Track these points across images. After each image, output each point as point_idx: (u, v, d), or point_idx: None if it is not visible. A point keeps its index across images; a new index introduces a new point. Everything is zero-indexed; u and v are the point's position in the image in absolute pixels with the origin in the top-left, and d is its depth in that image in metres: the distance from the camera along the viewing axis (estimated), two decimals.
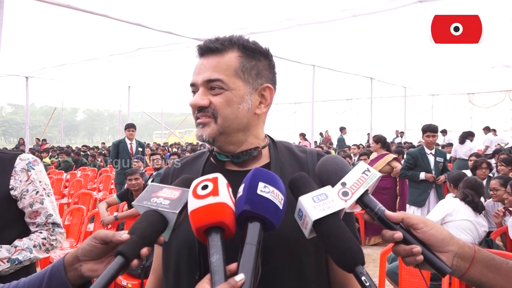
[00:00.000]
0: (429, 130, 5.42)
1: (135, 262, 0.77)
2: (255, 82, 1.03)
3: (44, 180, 1.79)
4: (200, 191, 0.81)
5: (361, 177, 0.86)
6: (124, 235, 0.79)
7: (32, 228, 1.73)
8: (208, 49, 1.01)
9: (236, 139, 1.03)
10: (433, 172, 5.42)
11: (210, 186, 0.81)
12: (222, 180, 0.83)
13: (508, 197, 3.93)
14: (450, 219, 3.78)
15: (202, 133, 1.00)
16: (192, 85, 1.03)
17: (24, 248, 1.64)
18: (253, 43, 1.05)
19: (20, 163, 1.72)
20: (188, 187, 0.87)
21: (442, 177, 5.44)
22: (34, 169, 1.75)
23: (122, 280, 3.55)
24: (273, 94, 1.08)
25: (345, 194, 0.84)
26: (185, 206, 0.84)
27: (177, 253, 1.01)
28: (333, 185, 0.86)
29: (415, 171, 5.45)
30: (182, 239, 0.98)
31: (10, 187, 1.67)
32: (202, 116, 1.00)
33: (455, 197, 4.04)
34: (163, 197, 0.85)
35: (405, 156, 5.69)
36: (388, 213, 0.82)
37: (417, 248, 0.78)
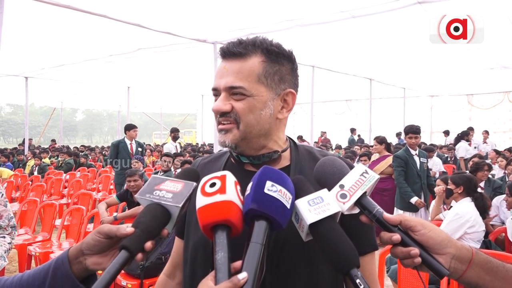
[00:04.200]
0: (411, 131, 5.35)
1: (139, 256, 0.78)
2: (278, 87, 1.01)
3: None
4: (208, 189, 0.81)
5: (359, 179, 0.85)
6: (128, 228, 0.79)
7: None
8: (231, 53, 0.99)
9: (258, 144, 1.03)
10: (420, 173, 5.39)
11: (218, 183, 0.81)
12: (230, 178, 0.83)
13: (507, 198, 3.94)
14: (472, 230, 3.48)
15: (224, 139, 1.00)
16: (214, 89, 1.02)
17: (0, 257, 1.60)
18: (276, 46, 1.02)
19: None
20: (191, 179, 0.88)
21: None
22: None
23: (122, 280, 3.54)
24: (295, 98, 1.07)
25: (343, 196, 0.84)
26: (188, 199, 0.84)
27: (194, 250, 1.02)
28: (331, 187, 0.86)
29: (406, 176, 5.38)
30: (199, 236, 0.98)
31: None
32: (224, 121, 0.99)
33: (471, 201, 3.66)
34: (165, 190, 0.84)
35: (394, 161, 5.56)
36: (387, 215, 0.82)
37: (415, 250, 0.78)
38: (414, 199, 5.18)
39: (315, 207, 0.81)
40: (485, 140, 12.20)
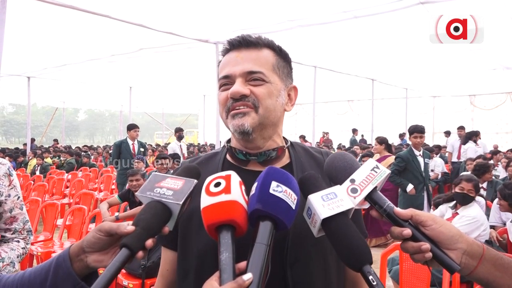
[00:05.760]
0: (416, 131, 5.35)
1: (140, 253, 0.78)
2: (287, 80, 1.07)
3: (18, 185, 1.77)
4: (212, 188, 0.81)
5: (370, 174, 0.86)
6: (128, 226, 0.79)
7: (7, 234, 1.67)
8: (248, 43, 1.03)
9: (268, 133, 1.03)
10: (424, 173, 5.41)
11: (223, 183, 0.81)
12: (235, 178, 0.83)
13: (499, 201, 3.93)
14: (484, 232, 3.57)
15: (243, 122, 0.97)
16: (226, 77, 1.01)
17: (9, 263, 1.59)
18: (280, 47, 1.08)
19: (1, 167, 1.70)
20: (191, 177, 0.87)
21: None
22: (13, 175, 1.73)
23: (123, 280, 3.55)
24: (297, 94, 1.11)
25: (354, 191, 0.84)
26: (189, 196, 0.83)
27: (199, 257, 0.99)
28: (342, 182, 0.86)
29: (405, 175, 5.38)
30: (205, 242, 0.95)
31: None
32: (241, 105, 0.98)
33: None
34: (166, 187, 0.84)
35: (394, 160, 5.60)
36: (397, 210, 0.82)
37: (426, 245, 0.77)
38: (409, 187, 5.28)
39: (329, 202, 0.81)
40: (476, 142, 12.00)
